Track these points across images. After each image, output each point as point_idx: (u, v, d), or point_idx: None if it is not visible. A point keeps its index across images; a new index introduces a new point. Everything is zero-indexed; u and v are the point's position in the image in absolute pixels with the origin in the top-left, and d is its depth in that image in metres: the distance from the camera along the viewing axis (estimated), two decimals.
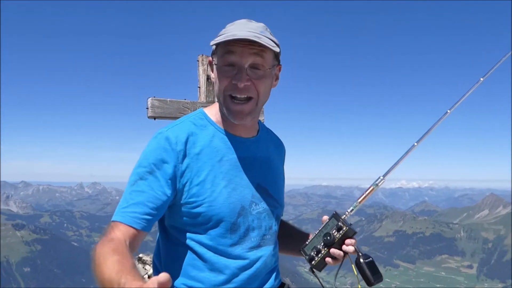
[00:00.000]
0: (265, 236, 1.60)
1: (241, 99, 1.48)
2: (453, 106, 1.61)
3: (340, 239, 1.50)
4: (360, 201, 1.54)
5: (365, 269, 1.47)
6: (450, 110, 1.61)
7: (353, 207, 1.54)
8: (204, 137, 1.54)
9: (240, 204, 1.52)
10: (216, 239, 1.49)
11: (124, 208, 1.41)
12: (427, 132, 1.58)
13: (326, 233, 1.53)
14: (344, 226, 1.50)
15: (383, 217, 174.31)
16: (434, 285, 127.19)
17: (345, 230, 1.49)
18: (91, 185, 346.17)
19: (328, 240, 1.51)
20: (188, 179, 1.47)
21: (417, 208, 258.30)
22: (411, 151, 1.56)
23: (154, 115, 3.88)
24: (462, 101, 1.63)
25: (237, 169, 1.56)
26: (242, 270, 1.53)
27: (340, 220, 1.51)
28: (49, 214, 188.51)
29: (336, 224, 1.52)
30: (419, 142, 1.56)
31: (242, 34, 1.40)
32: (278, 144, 1.85)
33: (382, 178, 1.54)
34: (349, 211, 1.54)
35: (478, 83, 1.65)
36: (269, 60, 1.49)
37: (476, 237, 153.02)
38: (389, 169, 1.55)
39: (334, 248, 1.51)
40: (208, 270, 1.50)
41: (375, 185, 1.54)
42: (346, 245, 1.51)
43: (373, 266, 1.49)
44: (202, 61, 4.29)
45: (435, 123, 1.60)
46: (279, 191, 1.72)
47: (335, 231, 1.51)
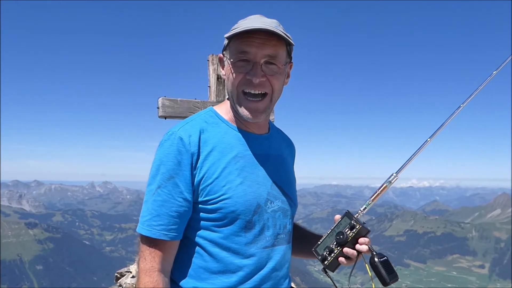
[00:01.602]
0: (280, 236, 1.57)
1: (255, 95, 1.46)
2: (466, 100, 1.59)
3: (354, 238, 1.46)
4: (373, 199, 1.51)
5: (380, 268, 1.44)
6: (463, 104, 1.58)
7: (366, 206, 1.51)
8: (216, 134, 1.51)
9: (256, 201, 1.49)
10: (230, 237, 1.46)
11: (149, 221, 1.41)
12: (440, 127, 1.55)
13: (339, 232, 1.49)
14: (358, 224, 1.46)
15: (394, 217, 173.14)
16: (445, 285, 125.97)
17: (358, 229, 1.46)
18: (102, 184, 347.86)
19: (341, 239, 1.47)
20: (203, 177, 1.44)
21: (428, 207, 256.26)
22: (424, 147, 1.53)
23: (165, 115, 3.91)
24: (475, 95, 1.60)
25: (252, 166, 1.53)
26: (256, 271, 1.49)
27: (353, 218, 1.48)
28: (61, 213, 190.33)
29: (349, 222, 1.48)
30: (432, 137, 1.53)
31: (259, 26, 1.37)
32: (289, 143, 1.83)
33: (395, 175, 1.50)
34: (361, 210, 1.51)
35: (490, 76, 1.62)
36: (283, 57, 1.47)
37: (488, 236, 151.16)
38: (402, 166, 1.52)
39: (347, 247, 1.47)
40: (220, 272, 1.46)
41: (388, 182, 1.50)
42: (360, 244, 1.47)
43: (388, 265, 1.45)
44: (212, 61, 4.31)
45: (448, 117, 1.57)
46: (293, 190, 1.70)
47: (348, 230, 1.47)
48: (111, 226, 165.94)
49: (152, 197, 1.43)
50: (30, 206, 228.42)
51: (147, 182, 1.48)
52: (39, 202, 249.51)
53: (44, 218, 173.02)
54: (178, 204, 1.42)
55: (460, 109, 1.58)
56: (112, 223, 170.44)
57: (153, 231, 1.40)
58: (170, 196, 1.41)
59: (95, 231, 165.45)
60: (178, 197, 1.42)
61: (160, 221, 1.40)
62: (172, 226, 1.41)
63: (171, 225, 1.41)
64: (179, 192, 1.42)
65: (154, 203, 1.42)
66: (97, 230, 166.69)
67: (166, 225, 1.40)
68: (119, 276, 6.05)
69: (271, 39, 1.41)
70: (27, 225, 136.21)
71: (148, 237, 1.41)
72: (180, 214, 1.42)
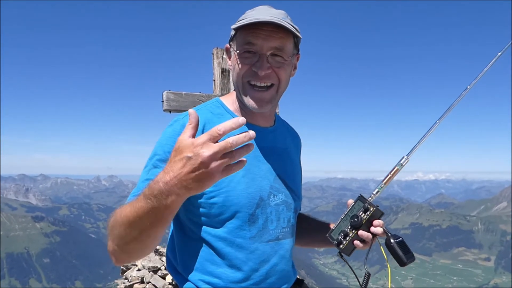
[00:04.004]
0: (284, 229, 1.55)
1: (261, 86, 1.44)
2: (473, 82, 1.58)
3: (368, 220, 1.46)
4: (386, 182, 1.51)
5: (396, 249, 1.44)
6: (470, 86, 1.57)
7: (378, 189, 1.51)
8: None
9: (258, 194, 1.47)
10: (233, 231, 1.43)
11: (134, 193, 1.35)
12: (448, 108, 1.54)
13: (353, 216, 1.49)
14: (372, 207, 1.46)
15: (399, 210, 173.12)
16: (451, 278, 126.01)
17: (372, 211, 1.46)
18: (107, 178, 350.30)
19: (356, 222, 1.47)
20: None
21: (433, 200, 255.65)
22: (433, 129, 1.52)
23: (170, 108, 3.91)
24: (481, 77, 1.59)
25: (256, 159, 1.51)
26: (261, 265, 1.48)
27: (366, 201, 1.48)
28: (67, 206, 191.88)
29: (362, 206, 1.48)
30: (441, 120, 1.52)
31: (265, 18, 1.35)
32: (294, 136, 1.81)
33: (407, 158, 1.48)
34: (374, 193, 1.51)
35: (496, 57, 1.61)
36: (290, 49, 1.45)
37: (494, 229, 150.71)
38: (413, 148, 1.50)
39: (362, 230, 1.47)
40: (226, 266, 1.44)
41: (400, 165, 1.49)
42: (374, 226, 1.47)
43: (404, 245, 1.45)
44: (217, 54, 4.30)
45: (456, 99, 1.56)
46: (297, 183, 1.68)
47: (362, 213, 1.47)
48: None
49: (145, 175, 1.40)
50: (37, 199, 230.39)
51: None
52: (46, 196, 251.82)
53: (50, 212, 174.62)
54: None
55: (467, 91, 1.57)
56: None
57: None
58: None
59: (101, 225, 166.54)
60: None
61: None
62: None
63: None
64: None
65: (146, 181, 1.35)
66: (103, 224, 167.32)
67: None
68: (125, 269, 6.10)
69: (278, 31, 1.38)
70: (33, 219, 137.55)
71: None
72: None
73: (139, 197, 1.11)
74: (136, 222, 1.14)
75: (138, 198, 1.12)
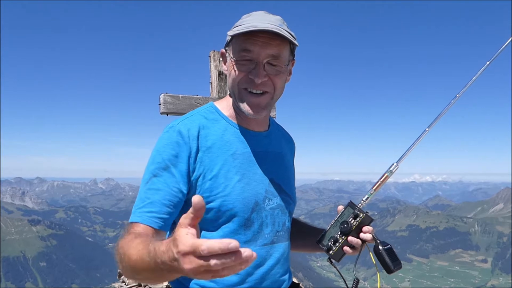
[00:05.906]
0: (279, 233, 1.57)
1: (257, 93, 1.45)
2: (461, 90, 1.60)
3: (357, 226, 1.48)
4: (375, 189, 1.53)
5: (384, 256, 1.45)
6: (459, 94, 1.59)
7: (368, 195, 1.53)
8: (216, 130, 1.51)
9: (254, 199, 1.49)
10: (229, 235, 1.44)
11: (141, 208, 1.37)
12: (437, 116, 1.57)
13: (343, 222, 1.51)
14: (361, 213, 1.48)
15: (396, 212, 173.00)
16: (448, 280, 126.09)
17: (362, 217, 1.47)
18: (104, 181, 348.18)
19: (345, 228, 1.48)
20: (201, 174, 1.43)
21: (430, 202, 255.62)
22: (423, 136, 1.55)
23: (167, 111, 3.92)
24: (469, 86, 1.61)
25: (251, 164, 1.53)
26: (256, 268, 1.49)
27: (356, 208, 1.50)
28: (63, 209, 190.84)
29: (352, 212, 1.50)
30: (431, 127, 1.55)
31: (263, 26, 1.34)
32: (288, 140, 1.83)
33: (396, 164, 1.52)
34: (364, 200, 1.53)
35: (484, 66, 1.63)
36: (286, 56, 1.45)
37: (490, 231, 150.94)
38: (402, 155, 1.53)
39: (351, 236, 1.49)
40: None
41: (389, 171, 1.52)
42: (364, 232, 1.49)
43: (392, 253, 1.47)
44: (214, 57, 4.31)
45: (445, 107, 1.58)
46: (292, 187, 1.70)
47: (352, 219, 1.49)
48: (113, 222, 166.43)
49: (146, 185, 1.40)
50: (33, 203, 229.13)
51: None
52: (42, 199, 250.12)
53: (47, 215, 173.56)
54: (173, 193, 1.39)
55: (456, 99, 1.60)
56: (114, 220, 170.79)
57: (144, 217, 1.35)
58: (165, 185, 1.39)
59: (97, 228, 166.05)
60: (173, 186, 1.39)
61: (152, 208, 1.36)
62: (163, 215, 1.37)
63: (163, 213, 1.37)
64: (174, 181, 1.39)
65: (148, 191, 1.38)
66: (99, 227, 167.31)
67: (157, 213, 1.36)
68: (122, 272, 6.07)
69: (274, 38, 1.38)
70: (30, 222, 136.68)
71: (135, 223, 1.35)
72: (173, 204, 1.39)
73: (149, 253, 1.04)
74: (142, 274, 1.15)
75: (146, 252, 1.06)
